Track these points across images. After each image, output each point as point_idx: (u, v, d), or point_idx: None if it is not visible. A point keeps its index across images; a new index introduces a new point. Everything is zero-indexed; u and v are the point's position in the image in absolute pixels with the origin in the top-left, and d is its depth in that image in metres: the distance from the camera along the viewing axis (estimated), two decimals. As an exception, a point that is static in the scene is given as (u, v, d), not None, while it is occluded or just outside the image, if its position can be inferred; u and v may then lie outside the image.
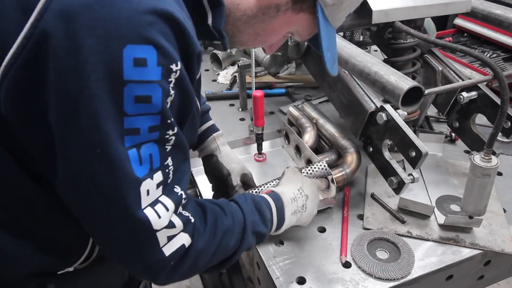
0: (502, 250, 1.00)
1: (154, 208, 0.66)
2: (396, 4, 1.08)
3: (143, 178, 0.63)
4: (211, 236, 0.77)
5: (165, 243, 0.69)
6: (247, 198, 0.89)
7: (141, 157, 0.62)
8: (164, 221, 0.67)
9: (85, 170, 0.62)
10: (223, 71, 1.93)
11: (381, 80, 0.89)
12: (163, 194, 0.67)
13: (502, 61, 1.84)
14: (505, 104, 0.89)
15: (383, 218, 1.10)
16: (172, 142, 0.66)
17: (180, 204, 0.71)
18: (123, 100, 0.58)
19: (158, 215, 0.66)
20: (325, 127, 1.28)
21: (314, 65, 1.28)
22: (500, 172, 1.27)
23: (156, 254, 0.68)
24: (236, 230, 0.83)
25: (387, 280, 0.94)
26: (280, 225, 0.92)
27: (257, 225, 0.87)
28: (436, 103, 1.28)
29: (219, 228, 0.79)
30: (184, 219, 0.71)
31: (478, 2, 1.22)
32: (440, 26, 1.99)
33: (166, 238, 0.68)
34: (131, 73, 0.57)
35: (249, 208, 0.86)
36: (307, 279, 0.95)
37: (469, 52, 0.97)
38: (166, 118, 0.63)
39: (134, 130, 0.60)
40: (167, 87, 0.61)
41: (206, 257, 0.78)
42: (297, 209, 0.94)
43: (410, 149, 0.94)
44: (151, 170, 0.64)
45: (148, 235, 0.66)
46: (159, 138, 0.64)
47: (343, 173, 1.16)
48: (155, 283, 0.75)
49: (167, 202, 0.68)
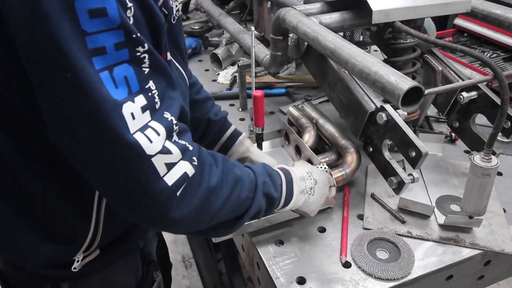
0: (502, 250, 1.00)
1: (144, 132, 0.62)
2: (396, 4, 1.08)
3: (123, 100, 0.60)
4: (223, 179, 0.75)
5: (165, 172, 0.65)
6: (259, 164, 0.88)
7: (115, 79, 0.59)
8: (156, 145, 0.63)
9: (63, 102, 0.59)
10: (223, 71, 1.93)
11: (381, 80, 0.89)
12: (152, 119, 0.64)
13: (502, 61, 1.84)
14: (505, 104, 0.89)
15: (383, 218, 1.10)
16: (147, 62, 0.62)
17: (173, 131, 0.67)
18: (78, 17, 0.54)
19: (149, 140, 0.62)
20: (325, 127, 1.28)
21: (314, 65, 1.27)
22: (500, 172, 1.27)
23: (158, 183, 0.65)
24: (247, 185, 0.80)
25: (387, 280, 0.94)
26: (288, 199, 0.90)
27: (268, 187, 0.85)
28: (436, 103, 1.28)
29: (231, 176, 0.77)
30: (180, 146, 0.68)
31: (478, 2, 1.21)
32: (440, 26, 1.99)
33: (164, 166, 0.65)
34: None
35: (260, 171, 0.85)
36: (307, 279, 0.95)
37: (469, 52, 0.97)
38: (130, 33, 0.59)
39: (100, 50, 0.57)
40: None
41: (219, 200, 0.75)
42: (305, 189, 0.93)
43: (410, 149, 0.94)
44: (130, 93, 0.61)
45: (144, 161, 0.63)
46: (131, 58, 0.60)
47: (343, 173, 1.16)
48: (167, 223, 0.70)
49: (158, 127, 0.64)
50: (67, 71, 0.56)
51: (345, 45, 0.99)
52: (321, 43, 1.04)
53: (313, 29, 1.07)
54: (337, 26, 1.17)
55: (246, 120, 1.58)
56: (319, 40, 1.05)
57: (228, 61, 1.96)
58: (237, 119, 1.59)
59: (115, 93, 0.59)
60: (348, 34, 1.65)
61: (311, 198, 0.96)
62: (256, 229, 1.07)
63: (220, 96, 1.72)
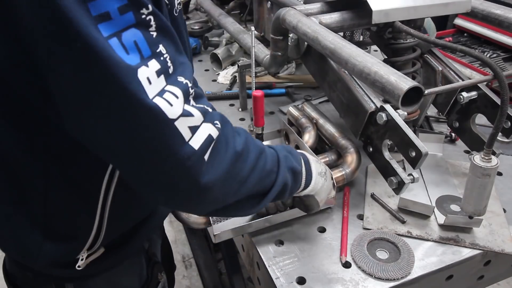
0: (502, 250, 1.00)
1: (163, 97, 0.61)
2: (396, 4, 1.08)
3: (137, 65, 0.58)
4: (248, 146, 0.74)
5: (190, 136, 0.64)
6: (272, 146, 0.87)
7: (125, 45, 0.57)
8: (177, 108, 0.62)
9: (77, 77, 0.57)
10: (223, 71, 1.93)
11: (381, 80, 0.89)
12: (168, 83, 0.62)
13: (502, 61, 1.84)
14: (505, 104, 0.89)
15: (383, 218, 1.10)
16: (153, 24, 0.60)
17: (189, 94, 0.66)
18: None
19: (169, 103, 0.61)
20: (325, 127, 1.28)
21: (314, 65, 1.27)
22: (500, 172, 1.27)
23: (184, 148, 0.63)
24: (270, 157, 0.79)
25: (387, 280, 0.94)
26: (309, 179, 0.89)
27: (291, 161, 0.84)
28: (436, 103, 1.28)
29: (253, 145, 0.76)
30: (200, 109, 0.66)
31: (478, 2, 1.22)
32: (440, 26, 1.99)
33: (188, 129, 0.63)
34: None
35: (279, 148, 0.85)
36: (307, 279, 0.95)
37: (469, 52, 0.97)
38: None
39: (104, 15, 0.55)
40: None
41: (246, 167, 0.73)
42: (321, 172, 0.92)
43: (410, 149, 0.94)
44: (142, 58, 0.59)
45: (168, 126, 0.61)
46: (137, 21, 0.58)
47: (343, 173, 1.16)
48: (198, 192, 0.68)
49: (175, 90, 0.62)
50: (75, 41, 0.54)
51: (345, 45, 0.99)
52: (321, 43, 1.04)
53: (313, 29, 1.08)
54: (337, 26, 1.17)
55: (246, 120, 1.58)
56: (319, 40, 1.05)
57: (228, 61, 1.96)
58: (237, 119, 1.59)
59: (127, 58, 0.57)
60: (348, 34, 1.65)
61: (325, 183, 0.95)
62: (256, 229, 1.07)
63: (220, 96, 1.72)
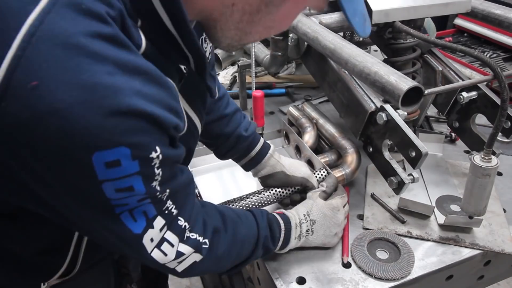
0: (502, 250, 1.00)
1: (160, 248, 0.68)
2: (396, 4, 1.08)
3: (143, 232, 0.64)
4: (230, 246, 0.82)
5: (176, 265, 0.73)
6: (263, 214, 0.93)
7: (135, 216, 0.62)
8: (170, 256, 0.70)
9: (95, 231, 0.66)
10: (223, 71, 1.93)
11: (381, 80, 0.89)
12: (168, 230, 0.68)
13: (502, 61, 1.84)
14: (505, 104, 0.89)
15: (383, 218, 1.10)
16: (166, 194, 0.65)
17: (185, 233, 0.72)
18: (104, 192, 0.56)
19: (164, 254, 0.69)
20: (325, 127, 1.28)
21: (314, 65, 1.28)
22: (500, 172, 1.27)
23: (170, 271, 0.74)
24: (251, 241, 0.88)
25: (387, 280, 0.94)
26: (284, 246, 0.96)
27: (267, 241, 0.91)
28: (436, 103, 1.28)
29: (238, 237, 0.84)
30: (192, 244, 0.73)
31: (478, 2, 1.22)
32: (440, 26, 1.99)
33: (176, 263, 0.72)
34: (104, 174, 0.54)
35: (263, 224, 0.90)
36: (307, 279, 0.95)
37: (469, 52, 0.97)
38: (154, 194, 0.61)
39: (122, 205, 0.60)
40: (150, 171, 0.58)
41: (224, 263, 0.83)
42: (301, 234, 0.97)
43: (410, 149, 0.94)
44: (148, 220, 0.64)
45: (160, 267, 0.71)
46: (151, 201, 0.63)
47: (343, 173, 1.16)
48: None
49: (172, 237, 0.69)
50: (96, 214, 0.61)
51: (345, 45, 0.99)
52: (321, 43, 1.04)
53: (313, 29, 1.08)
54: (337, 26, 1.17)
55: (246, 120, 1.58)
56: (319, 40, 1.05)
57: (228, 61, 1.96)
58: (237, 119, 1.59)
59: (134, 227, 0.63)
60: (348, 34, 1.65)
61: (310, 237, 0.98)
62: (256, 229, 1.07)
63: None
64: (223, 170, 1.31)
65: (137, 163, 0.55)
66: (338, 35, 1.05)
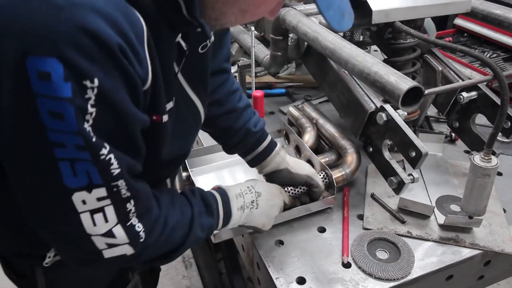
0: (502, 250, 1.00)
1: (93, 216, 0.63)
2: (396, 4, 1.08)
3: (76, 188, 0.60)
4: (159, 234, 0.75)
5: (105, 248, 0.67)
6: (195, 190, 0.88)
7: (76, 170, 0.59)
8: (100, 229, 0.65)
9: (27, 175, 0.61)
10: (223, 71, 1.93)
11: (381, 80, 0.89)
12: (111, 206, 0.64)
13: (502, 61, 1.84)
14: (505, 104, 0.89)
15: (383, 218, 1.10)
16: (114, 163, 0.61)
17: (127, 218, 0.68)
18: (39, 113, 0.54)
19: (94, 223, 0.64)
20: (325, 127, 1.28)
21: (314, 65, 1.28)
22: (500, 172, 1.27)
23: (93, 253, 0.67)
24: (184, 224, 0.81)
25: (387, 280, 0.94)
26: (227, 219, 0.90)
27: (204, 216, 0.86)
28: (436, 103, 1.28)
29: (169, 224, 0.77)
30: (131, 234, 0.69)
31: (478, 2, 1.22)
32: (440, 26, 1.99)
33: (104, 244, 0.66)
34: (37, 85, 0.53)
35: (197, 202, 0.86)
36: (307, 279, 0.95)
37: (469, 52, 0.97)
38: (90, 139, 0.58)
39: (60, 144, 0.57)
40: (82, 104, 0.55)
41: (151, 253, 0.76)
42: (244, 204, 0.92)
43: (410, 149, 0.94)
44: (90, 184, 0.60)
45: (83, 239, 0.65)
46: (93, 159, 0.59)
47: (343, 173, 1.16)
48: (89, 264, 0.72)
49: (111, 213, 0.65)
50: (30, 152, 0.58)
51: (345, 45, 0.99)
52: (321, 43, 1.04)
53: (313, 29, 1.08)
54: (337, 26, 1.17)
55: (246, 120, 1.58)
56: (319, 40, 1.05)
57: (228, 61, 1.96)
58: (237, 119, 1.59)
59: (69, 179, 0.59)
60: (348, 34, 1.65)
61: (255, 211, 0.95)
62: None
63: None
64: (223, 170, 1.31)
65: (69, 87, 0.53)
66: (338, 35, 1.05)
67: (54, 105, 0.54)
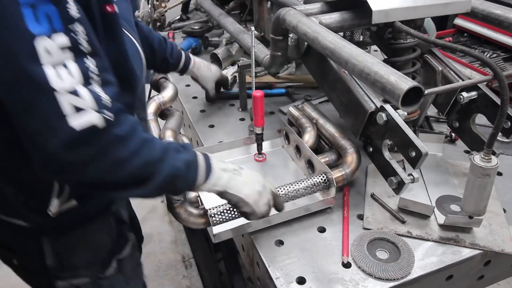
0: (502, 250, 1.00)
1: (56, 68, 0.64)
2: (396, 4, 1.08)
3: (39, 34, 0.62)
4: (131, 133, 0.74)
5: (71, 112, 0.65)
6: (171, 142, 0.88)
7: (37, 15, 0.62)
8: (66, 84, 0.64)
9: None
10: (223, 71, 1.93)
11: (381, 80, 0.89)
12: (72, 60, 0.65)
13: (502, 61, 1.84)
14: (505, 104, 0.89)
15: (383, 218, 1.10)
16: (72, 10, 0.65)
17: (90, 78, 0.68)
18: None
19: (59, 76, 0.64)
20: (325, 127, 1.28)
21: (314, 65, 1.28)
22: (500, 172, 1.27)
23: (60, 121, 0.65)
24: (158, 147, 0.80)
25: (387, 280, 0.94)
26: (208, 171, 0.88)
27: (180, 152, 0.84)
28: (436, 103, 1.28)
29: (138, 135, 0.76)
30: (96, 97, 0.68)
31: (478, 2, 1.21)
32: (440, 26, 1.99)
33: (70, 106, 0.65)
34: None
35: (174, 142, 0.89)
36: (307, 279, 0.95)
37: (469, 52, 0.97)
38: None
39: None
40: None
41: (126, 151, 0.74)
42: (227, 168, 0.91)
43: (410, 149, 0.94)
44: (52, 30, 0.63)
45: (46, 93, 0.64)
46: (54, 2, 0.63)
47: (343, 173, 1.16)
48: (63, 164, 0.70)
49: (73, 68, 0.65)
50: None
51: (345, 45, 0.99)
52: (321, 43, 1.04)
53: (313, 29, 1.08)
54: (337, 26, 1.17)
55: (246, 120, 1.58)
56: (319, 40, 1.05)
57: (228, 61, 1.96)
58: (237, 119, 1.59)
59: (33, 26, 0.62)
60: (348, 34, 1.65)
61: (238, 178, 0.92)
62: (256, 229, 1.07)
63: (220, 96, 1.72)
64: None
65: None
66: (338, 35, 1.05)
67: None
